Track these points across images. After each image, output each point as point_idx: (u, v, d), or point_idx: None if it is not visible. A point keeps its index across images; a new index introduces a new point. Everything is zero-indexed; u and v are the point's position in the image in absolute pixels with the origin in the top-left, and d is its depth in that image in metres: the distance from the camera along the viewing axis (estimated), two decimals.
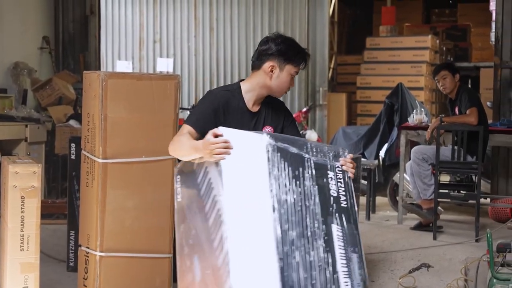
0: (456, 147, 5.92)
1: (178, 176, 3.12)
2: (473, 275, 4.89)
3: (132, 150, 4.28)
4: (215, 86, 10.62)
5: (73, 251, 5.46)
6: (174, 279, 4.64)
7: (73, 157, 5.48)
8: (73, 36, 9.64)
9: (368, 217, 6.59)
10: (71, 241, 5.48)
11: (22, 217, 3.78)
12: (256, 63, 3.32)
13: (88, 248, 4.22)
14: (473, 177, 6.42)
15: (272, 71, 3.26)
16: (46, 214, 5.67)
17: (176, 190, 3.11)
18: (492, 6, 8.46)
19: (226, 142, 2.87)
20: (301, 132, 9.62)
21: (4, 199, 3.92)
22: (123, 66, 9.77)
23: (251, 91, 3.31)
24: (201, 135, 3.12)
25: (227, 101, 3.29)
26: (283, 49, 3.25)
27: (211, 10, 10.60)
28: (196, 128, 3.19)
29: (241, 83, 3.36)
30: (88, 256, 4.21)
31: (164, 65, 9.19)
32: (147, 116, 4.34)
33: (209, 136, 2.91)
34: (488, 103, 7.39)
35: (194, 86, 10.82)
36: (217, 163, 2.88)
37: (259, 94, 3.32)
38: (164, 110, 4.41)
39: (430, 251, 5.27)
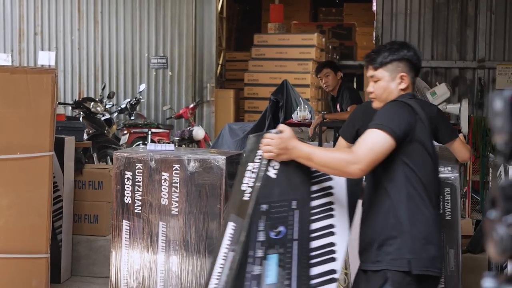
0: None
1: None
2: None
3: (6, 146, 4.10)
4: (100, 81, 10.39)
5: None
6: (52, 280, 4.49)
7: None
8: None
9: None
10: None
11: None
12: None
13: None
14: None
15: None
16: None
17: None
18: (375, 7, 8.74)
19: None
20: (188, 128, 9.59)
21: None
22: (1, 59, 9.34)
23: None
24: None
25: None
26: None
27: (96, 3, 10.35)
28: None
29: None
30: None
31: (46, 59, 8.86)
32: (22, 111, 4.16)
33: None
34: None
35: (78, 81, 10.54)
36: None
37: None
38: (40, 105, 4.25)
39: None
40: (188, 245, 4.11)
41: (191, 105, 9.93)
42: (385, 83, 2.79)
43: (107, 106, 9.03)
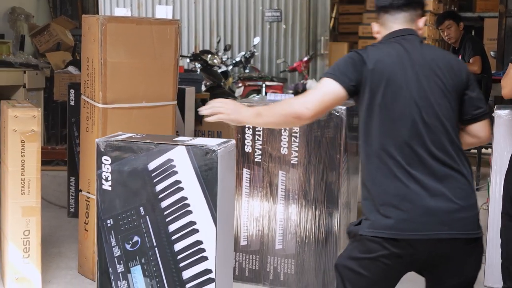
0: None
1: None
2: None
3: (132, 95, 4.24)
4: (215, 35, 10.51)
5: (73, 197, 5.48)
6: None
7: (72, 103, 5.45)
8: None
9: None
10: (71, 187, 5.49)
11: (23, 161, 3.75)
12: None
13: (88, 193, 4.21)
14: None
15: None
16: (46, 160, 5.65)
17: None
18: None
19: None
20: (301, 82, 9.58)
21: (4, 143, 3.90)
22: (122, 13, 9.59)
23: None
24: None
25: None
26: None
27: None
28: None
29: None
30: (89, 201, 4.20)
31: (163, 13, 9.00)
32: (147, 61, 4.28)
33: None
34: (492, 53, 7.30)
35: (194, 34, 10.71)
36: None
37: None
38: (164, 55, 4.35)
39: None
40: (307, 195, 4.14)
41: (305, 58, 9.88)
42: None
43: (223, 59, 9.14)
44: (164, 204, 2.53)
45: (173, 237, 2.53)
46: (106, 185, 2.59)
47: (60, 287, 4.08)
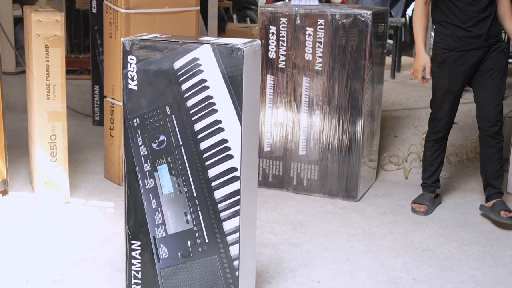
0: None
1: None
2: None
3: (155, 0, 4.20)
4: None
5: (98, 105, 5.52)
6: None
7: (94, 11, 5.42)
8: None
9: (393, 76, 6.51)
10: (95, 95, 5.53)
11: (47, 66, 3.76)
12: None
13: (113, 99, 4.24)
14: None
15: None
16: (70, 69, 5.67)
17: None
18: None
19: None
20: None
21: (29, 48, 3.90)
22: None
23: None
24: None
25: None
26: None
27: None
28: None
29: None
30: (113, 107, 4.24)
31: None
32: None
33: None
34: None
35: None
36: None
37: None
38: None
39: None
40: (331, 101, 4.13)
41: None
42: None
43: None
44: (189, 103, 2.52)
45: (199, 136, 2.53)
46: (132, 85, 2.57)
47: (88, 191, 4.17)
